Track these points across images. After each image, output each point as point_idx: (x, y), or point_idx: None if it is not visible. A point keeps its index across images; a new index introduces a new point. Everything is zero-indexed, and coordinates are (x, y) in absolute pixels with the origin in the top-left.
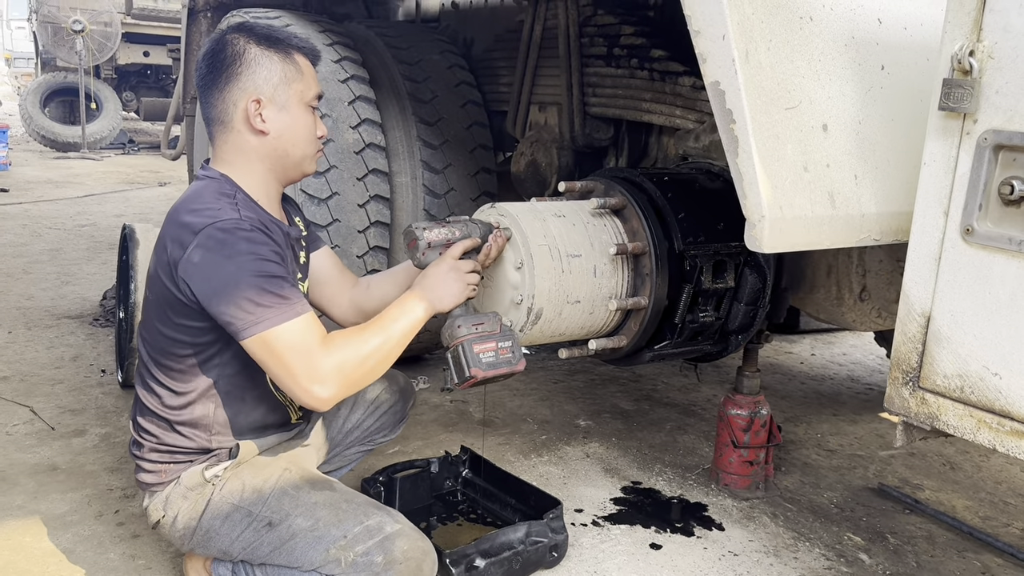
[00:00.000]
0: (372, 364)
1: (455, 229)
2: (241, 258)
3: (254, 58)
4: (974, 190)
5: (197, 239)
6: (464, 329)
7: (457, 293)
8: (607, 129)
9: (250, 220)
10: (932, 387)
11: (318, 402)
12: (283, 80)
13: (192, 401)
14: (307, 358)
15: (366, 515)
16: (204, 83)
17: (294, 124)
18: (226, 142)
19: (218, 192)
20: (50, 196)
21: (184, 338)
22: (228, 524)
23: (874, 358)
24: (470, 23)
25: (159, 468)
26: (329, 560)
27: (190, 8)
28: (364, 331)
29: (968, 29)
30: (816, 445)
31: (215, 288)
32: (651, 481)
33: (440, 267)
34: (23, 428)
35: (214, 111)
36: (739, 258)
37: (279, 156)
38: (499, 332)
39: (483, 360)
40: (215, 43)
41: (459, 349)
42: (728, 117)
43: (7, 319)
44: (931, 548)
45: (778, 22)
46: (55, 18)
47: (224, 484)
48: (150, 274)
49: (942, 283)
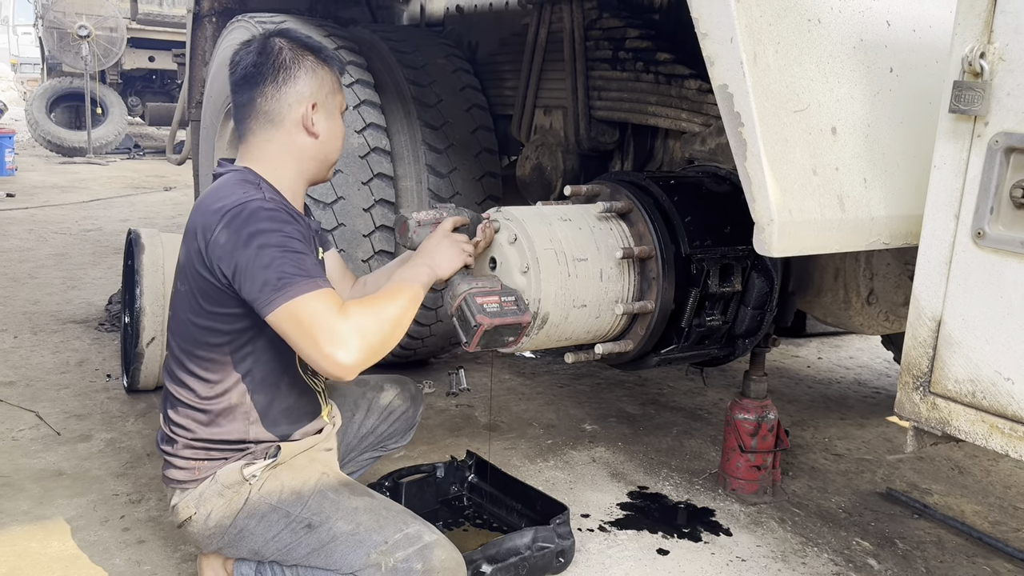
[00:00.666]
0: (388, 329)
1: (443, 211)
2: (265, 235)
3: (311, 65)
4: (985, 193)
5: (223, 220)
6: (465, 285)
7: (453, 257)
8: (612, 133)
9: (275, 202)
10: (943, 392)
11: (342, 369)
12: (332, 89)
13: (228, 389)
14: (330, 326)
15: (405, 523)
16: (252, 81)
17: (337, 131)
18: (269, 140)
19: (241, 179)
20: (56, 201)
21: (219, 326)
22: (264, 524)
23: (881, 362)
24: (475, 27)
25: (193, 465)
26: (369, 564)
27: (195, 13)
28: (376, 299)
29: (979, 31)
30: (823, 449)
31: (241, 264)
32: (658, 486)
33: (433, 238)
34: (29, 433)
35: (265, 107)
36: (746, 262)
37: (321, 159)
38: (500, 288)
39: (488, 309)
40: (264, 44)
41: (463, 303)
42: (736, 120)
43: (13, 324)
44: (940, 553)
45: (786, 24)
46: (61, 24)
47: (263, 484)
48: (180, 266)
49: (953, 287)
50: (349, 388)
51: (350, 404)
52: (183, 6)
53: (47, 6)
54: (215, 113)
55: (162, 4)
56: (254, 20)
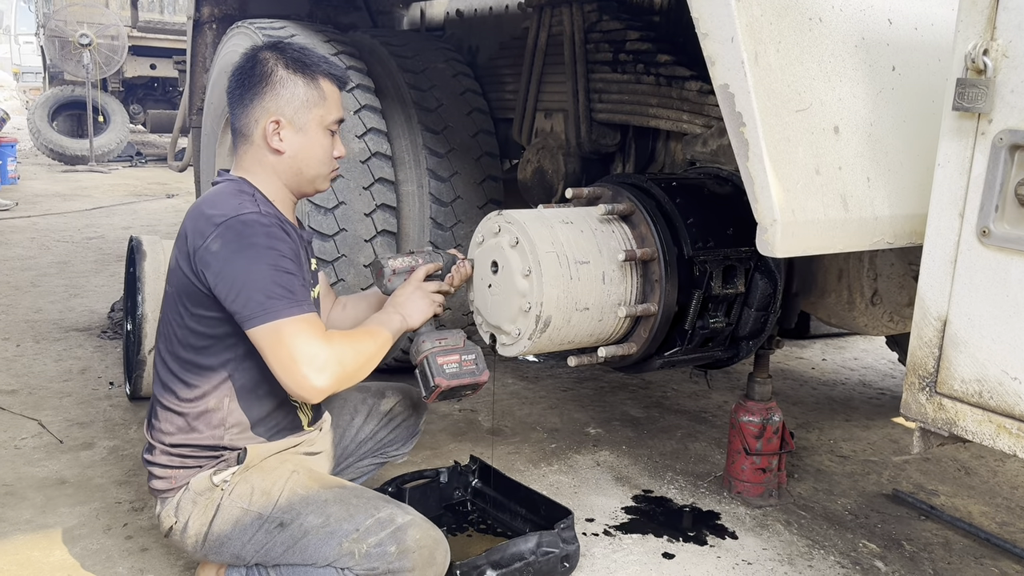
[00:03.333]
0: (363, 363)
1: (418, 258)
2: (258, 250)
3: (280, 80)
4: (990, 191)
5: (218, 229)
6: (428, 344)
7: (424, 309)
8: (613, 135)
9: (269, 216)
10: (949, 392)
11: (313, 391)
12: (304, 104)
13: (206, 393)
14: (311, 350)
15: (376, 508)
16: (232, 97)
17: (310, 146)
18: (246, 153)
19: (238, 190)
20: (58, 209)
21: (201, 329)
22: (239, 528)
23: (885, 362)
24: (475, 31)
25: (170, 473)
26: (343, 554)
27: (196, 20)
28: (356, 333)
29: (982, 28)
30: (829, 451)
31: (229, 276)
32: (663, 489)
33: (406, 289)
34: (31, 441)
35: (238, 124)
36: (749, 263)
37: (293, 173)
38: (462, 346)
39: (446, 371)
40: (247, 59)
41: (424, 362)
42: (738, 120)
43: (15, 332)
44: (948, 555)
45: (787, 23)
46: (62, 32)
47: (233, 488)
48: (171, 267)
49: (958, 286)
50: (349, 393)
51: (350, 408)
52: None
53: (48, 15)
54: (216, 120)
55: (163, 12)
56: (254, 26)
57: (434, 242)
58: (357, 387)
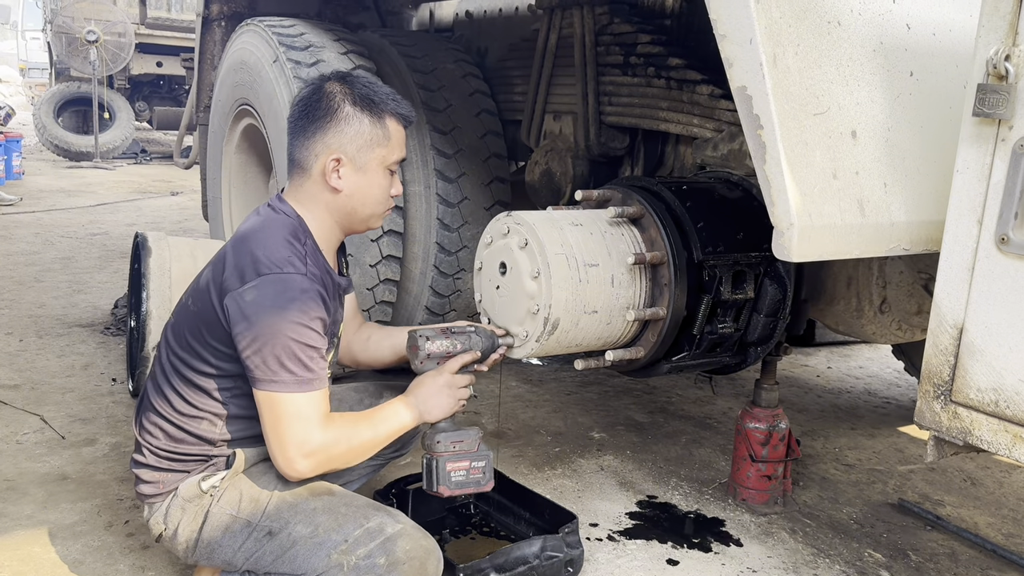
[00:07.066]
0: (355, 454)
1: (457, 342)
2: (289, 316)
3: (345, 116)
4: (1009, 198)
5: (258, 280)
6: (443, 445)
7: (446, 408)
8: (623, 138)
9: (313, 277)
10: (965, 401)
11: (294, 472)
12: (368, 143)
13: (204, 415)
14: (303, 431)
15: (366, 517)
16: (294, 126)
17: (368, 186)
18: (301, 186)
19: (291, 235)
20: (63, 205)
21: (209, 358)
22: (228, 535)
23: (891, 371)
24: (484, 32)
25: (158, 478)
26: (332, 565)
27: (204, 17)
28: (358, 423)
29: (1004, 33)
30: (834, 459)
31: (253, 331)
32: (667, 495)
33: (436, 381)
34: (33, 437)
35: (297, 154)
36: (759, 268)
37: (347, 212)
38: (475, 451)
39: (453, 479)
40: (314, 89)
41: (434, 462)
42: (755, 122)
43: (18, 327)
44: (954, 566)
45: (806, 26)
46: (69, 28)
47: (222, 495)
48: (200, 286)
49: (976, 294)
50: (346, 394)
51: (345, 410)
52: (192, 11)
53: (56, 11)
54: (223, 117)
55: (170, 9)
56: (263, 24)
57: (475, 323)
58: (354, 387)
